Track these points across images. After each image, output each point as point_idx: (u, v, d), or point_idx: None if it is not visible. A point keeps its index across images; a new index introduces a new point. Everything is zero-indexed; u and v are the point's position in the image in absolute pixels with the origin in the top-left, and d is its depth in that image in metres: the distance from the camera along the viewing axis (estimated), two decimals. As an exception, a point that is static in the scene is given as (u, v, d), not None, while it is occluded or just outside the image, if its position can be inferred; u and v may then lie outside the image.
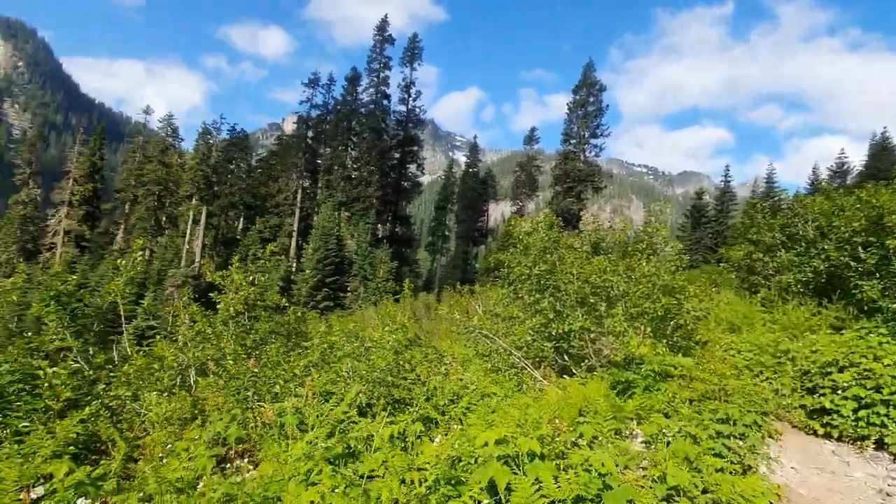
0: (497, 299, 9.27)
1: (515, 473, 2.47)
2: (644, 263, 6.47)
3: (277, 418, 4.41)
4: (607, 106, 41.00)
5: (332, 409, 4.02)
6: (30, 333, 5.69)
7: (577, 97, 40.89)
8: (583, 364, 6.31)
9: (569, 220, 32.88)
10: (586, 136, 40.07)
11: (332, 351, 6.37)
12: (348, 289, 30.80)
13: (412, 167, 48.14)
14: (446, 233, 53.40)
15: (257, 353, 6.34)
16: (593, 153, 40.61)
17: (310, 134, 45.89)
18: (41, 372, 4.64)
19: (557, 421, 3.44)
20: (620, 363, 6.02)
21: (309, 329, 8.35)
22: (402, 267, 35.74)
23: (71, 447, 3.97)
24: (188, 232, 43.96)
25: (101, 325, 6.14)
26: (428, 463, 2.49)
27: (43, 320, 5.54)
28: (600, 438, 3.86)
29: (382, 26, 47.28)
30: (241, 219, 46.14)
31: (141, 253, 7.23)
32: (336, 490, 2.36)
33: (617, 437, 4.42)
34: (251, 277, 6.89)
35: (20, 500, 2.98)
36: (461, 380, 6.24)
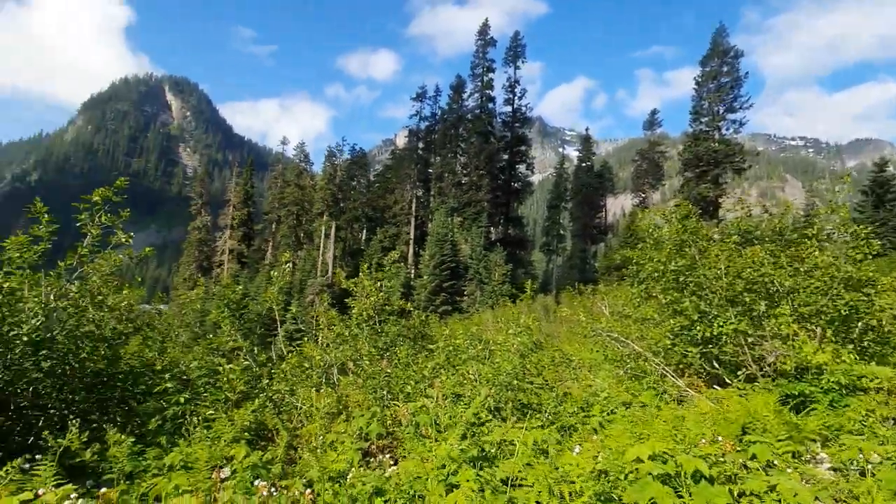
0: (626, 299, 8.56)
1: (680, 496, 2.17)
2: (817, 253, 5.39)
3: (412, 417, 4.58)
4: (746, 74, 35.77)
5: (462, 412, 4.04)
6: (210, 336, 6.79)
7: (707, 69, 36.42)
8: (739, 373, 5.47)
9: (705, 209, 29.34)
10: (721, 111, 35.43)
11: (456, 354, 6.47)
12: (465, 293, 31.49)
13: (521, 167, 47.59)
14: (561, 232, 51.54)
15: (388, 354, 6.72)
16: (731, 130, 35.69)
17: (420, 145, 48.20)
18: (221, 368, 5.48)
19: (721, 439, 2.97)
20: (791, 373, 5.08)
21: (432, 332, 8.65)
22: (517, 269, 35.45)
23: (246, 434, 4.58)
24: (322, 245, 49.21)
25: (262, 328, 7.06)
26: (578, 475, 2.32)
27: (219, 324, 6.57)
28: (777, 462, 3.25)
29: (483, 30, 47.76)
30: (364, 230, 50.25)
31: (288, 265, 8.17)
32: (482, 493, 2.31)
33: (796, 460, 3.71)
34: (378, 284, 7.34)
35: (211, 478, 3.49)
36: (590, 386, 5.86)
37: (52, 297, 5.33)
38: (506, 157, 46.61)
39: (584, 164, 54.62)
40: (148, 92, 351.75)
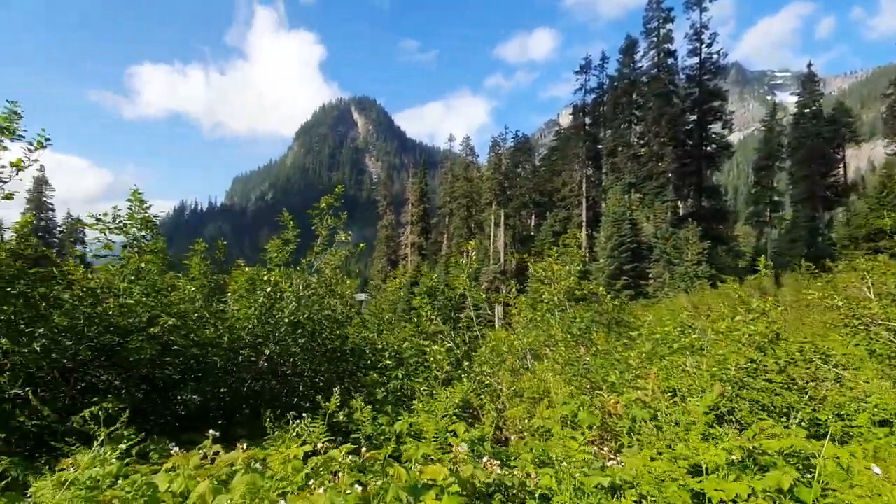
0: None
1: None
2: None
3: (627, 410, 4.17)
4: None
5: (687, 409, 3.49)
6: (404, 320, 7.48)
7: None
8: None
9: None
10: None
11: (664, 343, 5.73)
12: (650, 275, 28.49)
13: (715, 126, 40.33)
14: (775, 198, 41.85)
15: (582, 340, 6.36)
16: None
17: (587, 121, 45.28)
18: (427, 349, 5.96)
19: None
20: None
21: (628, 318, 7.91)
22: (716, 246, 30.18)
23: (457, 410, 4.85)
24: (492, 234, 50.75)
25: (455, 313, 7.45)
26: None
27: (412, 310, 7.17)
28: None
29: (655, -22, 42.02)
30: (533, 216, 49.89)
31: (473, 252, 8.45)
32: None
33: None
34: (566, 267, 7.00)
35: (451, 449, 3.73)
36: (851, 389, 4.51)
37: (300, 288, 6.55)
38: (693, 117, 40.21)
39: (807, 111, 42.97)
40: (339, 114, 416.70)
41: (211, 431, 3.39)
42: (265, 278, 5.89)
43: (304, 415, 5.42)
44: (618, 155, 40.49)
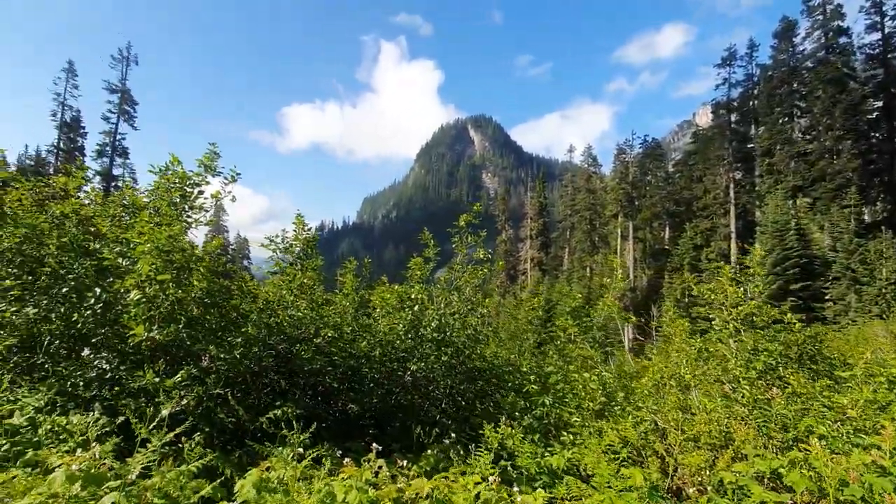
0: None
1: None
2: None
3: (860, 477, 3.27)
4: None
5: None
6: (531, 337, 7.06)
7: None
8: None
9: None
10: None
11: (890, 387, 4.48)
12: (827, 297, 23.47)
13: (910, 113, 32.45)
14: None
15: (768, 378, 5.31)
16: None
17: (733, 118, 39.88)
18: (577, 376, 5.52)
19: None
20: None
21: (827, 351, 6.45)
22: (920, 261, 23.77)
23: (617, 447, 4.33)
24: (619, 247, 47.31)
25: (602, 336, 6.83)
26: None
27: (556, 331, 6.74)
28: None
29: (819, -53, 35.81)
30: (667, 228, 45.29)
31: (619, 272, 7.74)
32: None
33: None
34: (742, 289, 5.96)
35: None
36: None
37: (441, 305, 6.64)
38: (878, 104, 32.85)
39: None
40: (457, 134, 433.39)
41: (374, 445, 3.48)
42: (412, 296, 6.08)
43: (451, 434, 5.36)
44: (776, 154, 34.70)
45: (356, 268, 7.38)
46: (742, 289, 5.85)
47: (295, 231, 6.34)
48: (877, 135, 32.22)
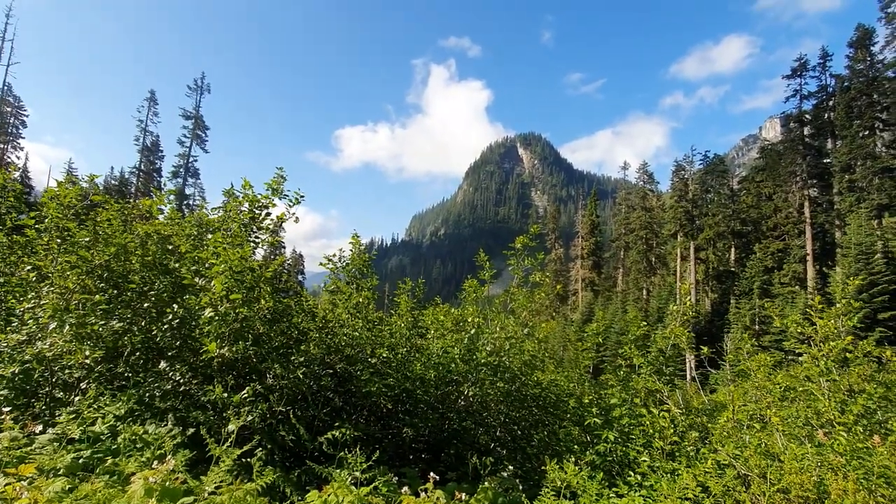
0: None
1: None
2: None
3: None
4: None
5: None
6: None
7: None
8: None
9: None
10: None
11: None
12: (924, 327, 20.88)
13: None
14: None
15: (868, 425, 4.73)
16: None
17: (805, 131, 37.12)
18: (644, 412, 5.16)
19: None
20: None
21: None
22: None
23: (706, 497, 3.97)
24: (678, 269, 44.87)
25: (672, 366, 6.40)
26: None
27: (619, 360, 6.37)
28: None
29: (902, -52, 33.14)
30: (732, 249, 42.47)
31: (690, 297, 7.28)
32: None
33: None
34: (834, 323, 5.38)
35: None
36: None
37: (497, 329, 6.50)
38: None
39: None
40: (505, 152, 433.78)
41: (431, 474, 3.39)
42: (468, 319, 6.00)
43: (507, 466, 5.14)
44: (856, 170, 31.80)
45: (410, 289, 7.41)
46: (833, 321, 5.28)
47: (352, 251, 6.47)
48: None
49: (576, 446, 5.43)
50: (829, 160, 35.39)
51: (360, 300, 6.02)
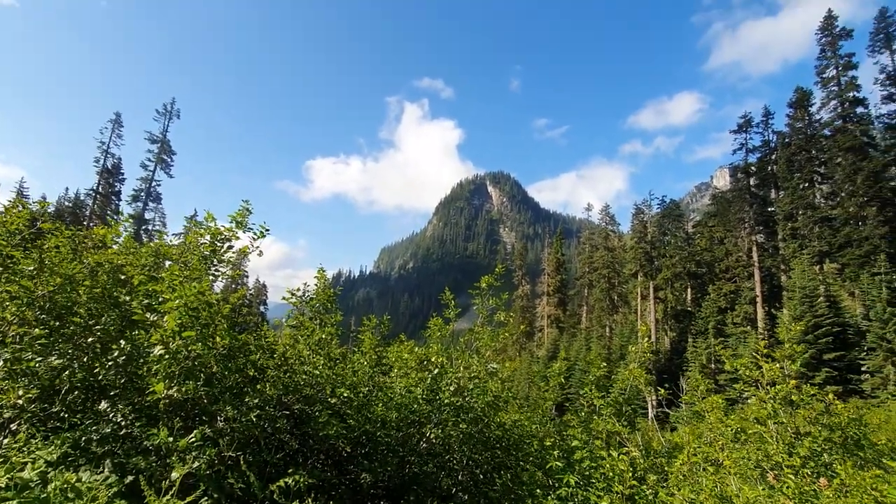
0: None
1: None
2: None
3: None
4: None
5: None
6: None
7: None
8: None
9: None
10: None
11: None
12: (863, 368, 22.14)
13: (936, 182, 32.16)
14: None
15: (814, 467, 4.92)
16: None
17: (752, 181, 40.04)
18: (603, 453, 5.19)
19: None
20: None
21: (869, 434, 5.97)
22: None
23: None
24: (639, 308, 46.23)
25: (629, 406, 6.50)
26: None
27: (581, 399, 6.44)
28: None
29: (827, 24, 37.48)
30: (689, 289, 44.32)
31: (648, 338, 7.50)
32: None
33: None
34: (780, 366, 5.67)
35: None
36: None
37: (461, 368, 6.45)
38: (903, 171, 32.72)
39: None
40: (475, 189, 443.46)
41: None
42: (432, 358, 5.94)
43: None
44: (798, 219, 34.34)
45: (375, 326, 7.30)
46: (778, 364, 5.57)
47: (317, 285, 6.36)
48: (903, 202, 31.75)
49: (538, 490, 5.37)
50: (773, 209, 38.10)
51: (323, 336, 5.88)
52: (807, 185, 35.29)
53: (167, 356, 3.95)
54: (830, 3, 40.62)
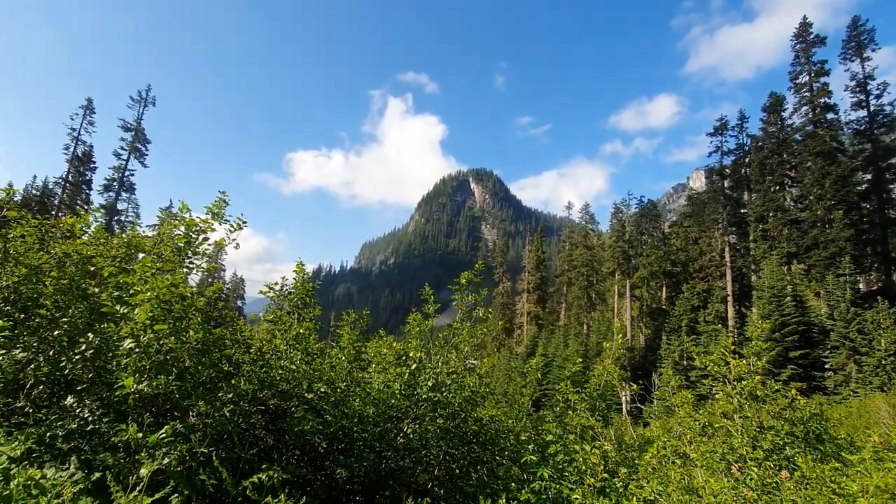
0: None
1: None
2: None
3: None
4: None
5: None
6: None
7: None
8: None
9: None
10: None
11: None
12: (826, 366, 23.10)
13: (899, 187, 33.73)
14: None
15: (777, 459, 5.12)
16: None
17: (726, 184, 41.19)
18: (577, 448, 5.30)
19: None
20: None
21: (833, 430, 6.25)
22: (918, 333, 23.63)
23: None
24: (616, 305, 47.13)
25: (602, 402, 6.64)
26: None
27: (556, 396, 6.56)
28: None
29: (802, 31, 38.69)
30: (664, 288, 45.39)
31: (623, 336, 7.66)
32: None
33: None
34: (747, 362, 5.87)
35: None
36: None
37: (439, 364, 6.48)
38: (868, 176, 34.14)
39: None
40: (458, 185, 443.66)
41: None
42: (410, 354, 5.95)
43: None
44: (769, 221, 35.51)
45: (354, 321, 7.26)
46: (745, 361, 5.77)
47: (295, 279, 6.29)
48: (867, 206, 33.18)
49: (513, 484, 5.45)
50: (745, 210, 39.29)
51: (301, 331, 5.82)
52: (778, 188, 36.50)
53: (138, 350, 3.86)
54: (806, 12, 41.99)
